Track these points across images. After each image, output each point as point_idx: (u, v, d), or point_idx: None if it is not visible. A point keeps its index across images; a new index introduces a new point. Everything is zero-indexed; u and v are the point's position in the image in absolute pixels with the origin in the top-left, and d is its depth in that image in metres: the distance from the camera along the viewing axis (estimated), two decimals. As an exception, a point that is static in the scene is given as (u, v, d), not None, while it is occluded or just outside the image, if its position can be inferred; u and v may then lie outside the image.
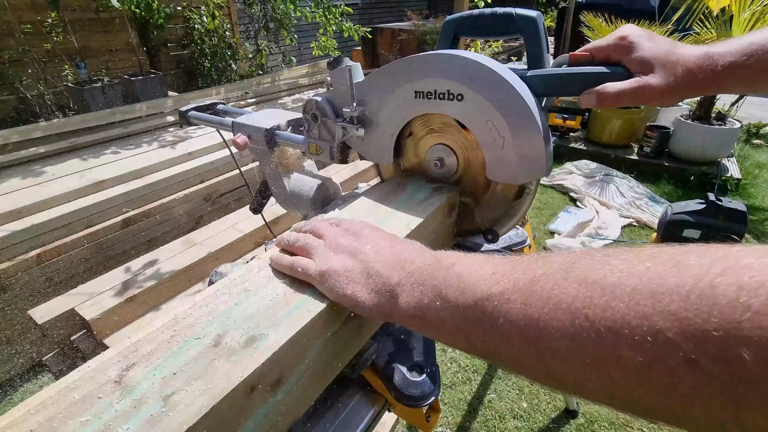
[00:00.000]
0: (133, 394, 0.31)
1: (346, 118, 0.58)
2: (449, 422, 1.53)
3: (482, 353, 0.31)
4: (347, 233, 0.44)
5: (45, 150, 2.25)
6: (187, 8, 4.07)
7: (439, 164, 0.60)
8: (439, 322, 0.33)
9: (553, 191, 3.16)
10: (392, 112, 0.57)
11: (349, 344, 0.46)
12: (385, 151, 0.60)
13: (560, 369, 0.25)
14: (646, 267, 0.22)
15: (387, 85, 0.55)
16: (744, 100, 3.23)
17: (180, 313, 0.39)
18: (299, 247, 0.45)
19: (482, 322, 0.29)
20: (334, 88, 0.59)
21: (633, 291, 0.21)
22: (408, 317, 0.36)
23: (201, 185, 2.16)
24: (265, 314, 0.38)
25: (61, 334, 1.24)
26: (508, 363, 0.29)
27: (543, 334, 0.25)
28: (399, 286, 0.37)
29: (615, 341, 0.21)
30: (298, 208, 0.74)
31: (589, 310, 0.23)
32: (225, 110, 0.85)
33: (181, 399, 0.31)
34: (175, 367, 0.33)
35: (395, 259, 0.39)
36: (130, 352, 0.35)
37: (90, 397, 0.32)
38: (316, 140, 0.62)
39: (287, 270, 0.44)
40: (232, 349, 0.35)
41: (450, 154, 0.59)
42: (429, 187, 0.62)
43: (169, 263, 1.36)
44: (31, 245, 1.66)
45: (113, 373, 0.34)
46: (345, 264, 0.40)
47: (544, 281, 0.27)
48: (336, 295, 0.39)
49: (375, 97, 0.57)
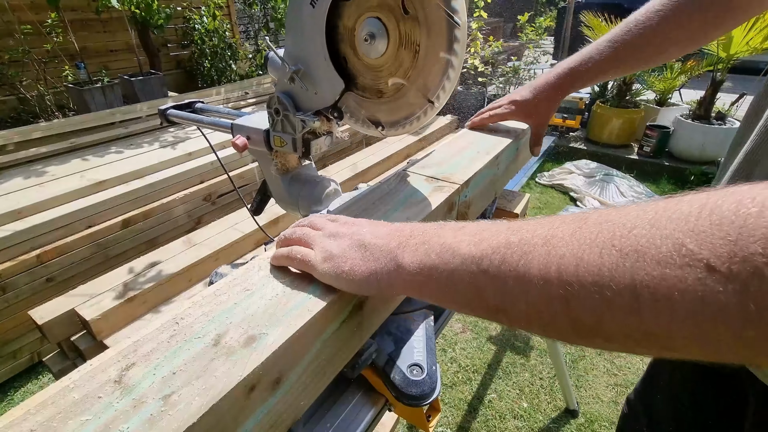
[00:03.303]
0: (132, 393, 0.32)
1: (286, 80, 0.58)
2: (449, 422, 1.53)
3: (493, 309, 0.30)
4: (345, 223, 0.44)
5: (45, 150, 2.25)
6: (187, 8, 4.07)
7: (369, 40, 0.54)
8: (448, 277, 0.32)
9: (553, 191, 3.16)
10: (309, 33, 0.54)
11: (349, 343, 0.46)
12: (332, 78, 0.56)
13: (583, 308, 0.25)
14: (655, 206, 0.24)
15: (293, 23, 0.55)
16: (744, 100, 3.23)
17: (179, 313, 0.39)
18: (296, 239, 0.45)
19: (500, 269, 0.28)
20: (278, 80, 0.61)
21: (652, 219, 0.23)
22: (411, 277, 0.34)
23: (201, 185, 2.16)
24: (265, 314, 0.39)
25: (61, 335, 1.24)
26: (520, 315, 0.28)
27: (566, 272, 0.25)
28: (399, 248, 0.36)
29: (643, 263, 0.22)
30: (298, 208, 0.74)
31: (615, 240, 0.24)
32: (204, 108, 0.85)
33: (180, 398, 0.31)
34: (175, 367, 0.33)
35: (393, 231, 0.39)
36: (130, 351, 0.36)
37: (90, 396, 0.32)
38: (280, 133, 0.64)
39: (284, 260, 0.44)
40: (231, 349, 0.35)
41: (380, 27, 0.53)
42: (428, 186, 0.62)
43: (169, 263, 1.36)
44: (32, 245, 1.66)
45: (113, 372, 0.34)
46: (342, 246, 0.40)
47: (562, 229, 0.27)
48: (334, 275, 0.39)
49: (295, 45, 0.57)
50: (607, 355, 1.79)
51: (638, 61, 0.70)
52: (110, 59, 3.79)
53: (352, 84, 0.59)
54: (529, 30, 4.05)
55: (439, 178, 0.65)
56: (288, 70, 0.57)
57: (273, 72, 0.65)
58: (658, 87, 3.51)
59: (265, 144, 0.67)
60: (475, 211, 0.74)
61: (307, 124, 0.61)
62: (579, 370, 1.72)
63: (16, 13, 3.06)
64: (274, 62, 0.64)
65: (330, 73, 0.56)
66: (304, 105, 0.61)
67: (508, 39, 6.95)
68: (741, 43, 2.79)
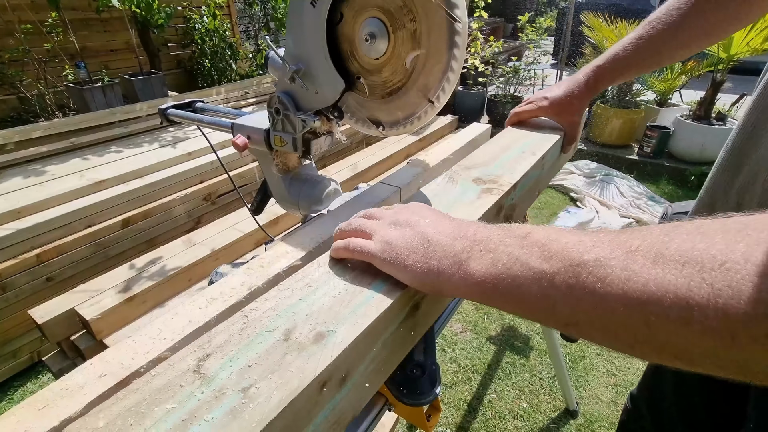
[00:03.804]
0: (212, 384, 0.33)
1: (287, 79, 0.59)
2: (449, 422, 1.53)
3: (563, 322, 0.30)
4: (404, 211, 0.44)
5: (45, 150, 2.25)
6: (187, 8, 4.07)
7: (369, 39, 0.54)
8: (516, 289, 0.32)
9: (553, 191, 3.16)
10: (309, 33, 0.55)
11: (404, 344, 0.47)
12: (333, 78, 0.57)
13: (670, 335, 0.24)
14: (746, 236, 0.24)
15: (294, 22, 0.55)
16: (744, 100, 3.23)
17: (246, 308, 0.41)
18: (353, 230, 0.45)
19: (574, 288, 0.28)
20: (279, 79, 0.61)
21: (746, 254, 0.23)
22: (475, 285, 0.34)
23: (201, 185, 2.16)
24: (330, 310, 0.39)
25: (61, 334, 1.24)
26: (595, 333, 0.28)
27: (651, 299, 0.25)
28: (464, 252, 0.35)
29: (738, 301, 0.22)
30: (298, 208, 0.74)
31: (705, 273, 0.23)
32: (204, 108, 0.85)
33: (259, 392, 0.32)
34: (250, 360, 0.35)
35: (456, 229, 0.38)
36: (204, 342, 0.37)
37: (172, 384, 0.33)
38: (281, 133, 0.64)
39: (343, 251, 0.44)
40: (302, 345, 0.36)
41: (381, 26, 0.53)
42: (476, 188, 0.61)
43: (169, 263, 1.36)
44: (32, 245, 1.66)
45: (191, 362, 0.35)
46: (404, 235, 0.40)
47: (645, 249, 0.26)
48: (396, 268, 0.39)
49: (296, 44, 0.57)
50: (606, 356, 1.79)
51: (662, 57, 0.71)
52: (110, 59, 3.79)
53: (354, 86, 0.59)
54: (529, 30, 4.05)
55: (486, 180, 0.64)
56: (289, 69, 0.57)
57: (273, 71, 0.65)
58: (658, 87, 3.51)
59: (265, 143, 0.67)
60: (520, 213, 0.73)
61: (307, 124, 0.61)
62: (579, 371, 1.72)
63: (17, 12, 3.07)
64: (274, 62, 0.64)
65: (330, 72, 0.56)
66: (304, 104, 0.61)
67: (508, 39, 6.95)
68: (741, 43, 2.79)
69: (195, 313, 0.45)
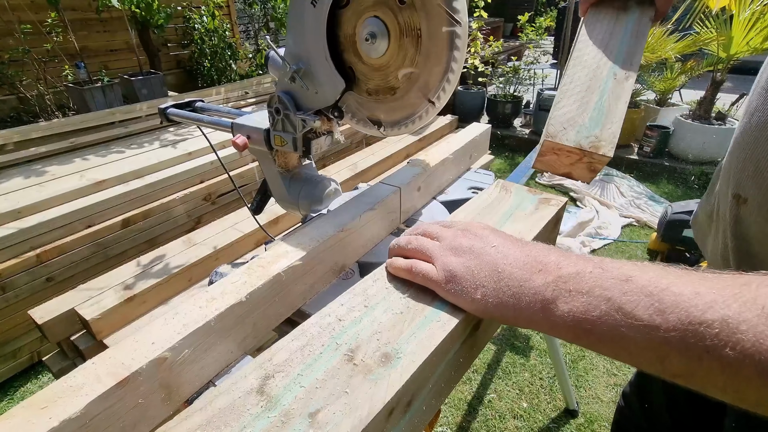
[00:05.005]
0: (277, 407, 0.31)
1: (287, 79, 0.59)
2: (449, 422, 1.53)
3: (672, 373, 0.28)
4: (465, 233, 0.41)
5: (45, 150, 2.25)
6: (187, 8, 4.07)
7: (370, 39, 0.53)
8: (617, 337, 0.29)
9: (553, 191, 3.16)
10: (310, 33, 0.55)
11: (463, 364, 0.45)
12: (333, 77, 0.56)
13: None
14: None
15: (294, 22, 0.55)
16: (744, 100, 3.23)
17: (306, 323, 0.39)
18: (413, 249, 0.43)
19: (693, 348, 0.26)
20: (279, 79, 0.61)
21: None
22: (565, 328, 0.31)
23: (201, 185, 2.16)
24: (393, 329, 0.38)
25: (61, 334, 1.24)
26: (715, 390, 0.26)
27: None
28: (548, 290, 0.32)
29: None
30: (298, 208, 0.74)
31: None
32: (204, 107, 0.85)
33: (327, 419, 0.30)
34: (315, 381, 0.33)
35: (529, 260, 0.35)
36: (265, 359, 0.35)
37: (236, 406, 0.32)
38: (281, 132, 0.64)
39: (404, 273, 0.42)
40: (368, 367, 0.34)
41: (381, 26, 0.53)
42: (533, 198, 0.59)
43: (169, 263, 1.36)
44: (32, 245, 1.66)
45: (254, 381, 0.33)
46: (469, 266, 0.37)
47: None
48: (463, 300, 0.37)
49: (296, 44, 0.57)
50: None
51: None
52: (110, 59, 3.79)
53: (356, 87, 0.59)
54: (529, 30, 4.05)
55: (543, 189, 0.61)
56: (289, 69, 0.57)
57: (274, 71, 0.65)
58: (658, 87, 3.51)
59: (265, 143, 0.67)
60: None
61: (307, 124, 0.61)
62: (579, 370, 1.72)
63: (16, 12, 3.06)
64: (275, 61, 0.64)
65: (331, 72, 0.56)
66: (304, 104, 0.61)
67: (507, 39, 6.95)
68: (741, 43, 2.79)
69: (195, 313, 0.45)
